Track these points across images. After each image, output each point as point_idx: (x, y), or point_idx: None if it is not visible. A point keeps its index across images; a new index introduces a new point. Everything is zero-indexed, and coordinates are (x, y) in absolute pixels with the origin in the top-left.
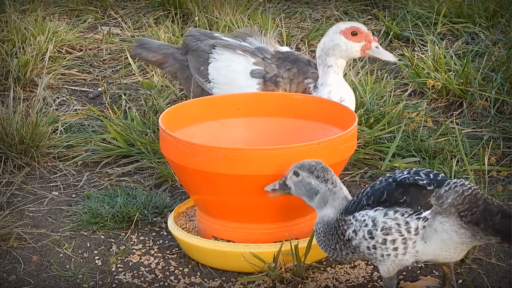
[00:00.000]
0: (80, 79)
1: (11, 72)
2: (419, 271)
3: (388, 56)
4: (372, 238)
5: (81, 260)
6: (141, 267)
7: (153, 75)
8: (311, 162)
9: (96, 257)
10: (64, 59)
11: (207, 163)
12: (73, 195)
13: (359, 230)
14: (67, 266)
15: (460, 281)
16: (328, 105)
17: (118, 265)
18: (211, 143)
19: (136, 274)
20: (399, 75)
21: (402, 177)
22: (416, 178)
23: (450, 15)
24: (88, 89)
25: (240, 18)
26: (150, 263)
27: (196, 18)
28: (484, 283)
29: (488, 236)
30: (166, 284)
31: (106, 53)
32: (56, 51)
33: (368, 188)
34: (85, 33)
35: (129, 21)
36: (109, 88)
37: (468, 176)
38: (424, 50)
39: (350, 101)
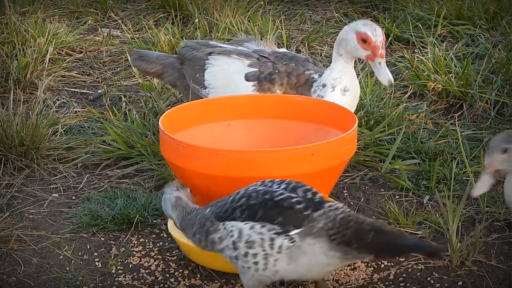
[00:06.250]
0: (80, 81)
1: (11, 74)
2: (419, 273)
3: (384, 77)
4: (235, 249)
5: (81, 262)
6: (141, 269)
7: (153, 77)
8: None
9: (96, 259)
10: (64, 61)
11: (207, 165)
12: (73, 197)
13: (225, 238)
14: (67, 268)
15: (460, 283)
16: (328, 107)
17: (118, 267)
18: (211, 145)
19: (136, 276)
20: (399, 77)
21: (280, 197)
22: (293, 201)
23: (450, 17)
24: (88, 91)
25: (240, 20)
26: (150, 265)
27: (196, 20)
28: (484, 285)
29: (361, 254)
30: (166, 286)
31: (106, 55)
32: (56, 53)
33: (244, 199)
34: (85, 35)
35: (129, 23)
36: (109, 90)
37: (469, 178)
38: (424, 52)
39: (352, 92)
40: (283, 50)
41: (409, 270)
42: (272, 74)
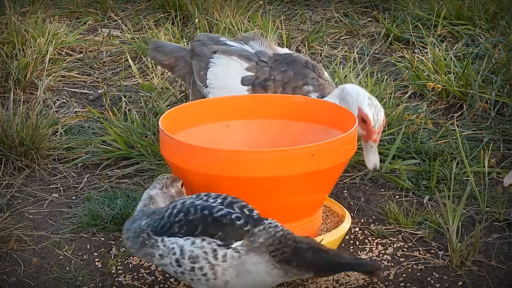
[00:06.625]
0: (80, 81)
1: (11, 74)
2: (419, 273)
3: (370, 161)
4: (179, 266)
5: (81, 262)
6: (141, 269)
7: (153, 77)
8: None
9: (96, 259)
10: (64, 61)
11: (207, 165)
12: (73, 197)
13: (167, 256)
14: (67, 268)
15: (460, 283)
16: (329, 107)
17: (118, 267)
18: (211, 145)
19: (136, 276)
20: (399, 77)
21: (219, 213)
22: (233, 217)
23: (450, 17)
24: (88, 91)
25: (240, 20)
26: (150, 265)
27: (196, 20)
28: (484, 285)
29: (301, 272)
30: (166, 286)
31: (106, 55)
32: (56, 53)
33: (182, 214)
34: (85, 35)
35: (129, 23)
36: (109, 90)
37: (469, 178)
38: (424, 52)
39: None
40: (285, 51)
41: (409, 270)
42: (267, 80)
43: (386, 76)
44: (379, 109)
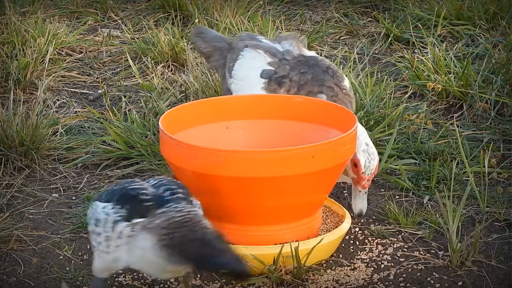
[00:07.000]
0: (80, 81)
1: (11, 74)
2: (419, 273)
3: (357, 206)
4: (89, 225)
5: (81, 262)
6: None
7: (153, 77)
8: None
9: None
10: (64, 61)
11: (207, 166)
12: (73, 197)
13: (91, 217)
14: (67, 268)
15: (460, 283)
16: (329, 107)
17: None
18: (211, 145)
19: (136, 276)
20: (399, 78)
21: (132, 186)
22: (141, 192)
23: (450, 17)
24: (88, 91)
25: (240, 20)
26: None
27: (196, 20)
28: (484, 285)
29: (180, 262)
30: (166, 286)
31: (106, 55)
32: (56, 53)
33: (113, 185)
34: (85, 35)
35: (129, 23)
36: (109, 90)
37: (469, 178)
38: (424, 52)
39: None
40: (311, 54)
41: (409, 270)
42: (284, 77)
43: (386, 76)
44: (373, 156)
